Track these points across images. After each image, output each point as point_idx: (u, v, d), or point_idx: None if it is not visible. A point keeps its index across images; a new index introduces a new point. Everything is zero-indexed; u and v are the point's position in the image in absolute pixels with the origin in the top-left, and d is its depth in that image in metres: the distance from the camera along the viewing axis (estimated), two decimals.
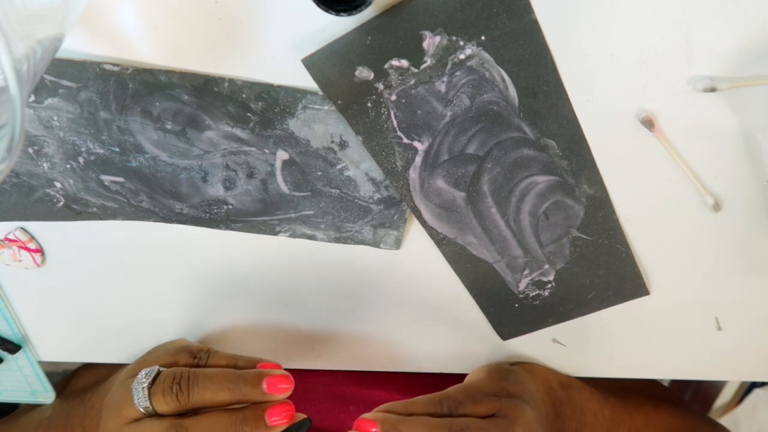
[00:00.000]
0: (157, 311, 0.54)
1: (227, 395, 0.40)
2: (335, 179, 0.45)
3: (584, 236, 0.47)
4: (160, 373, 0.41)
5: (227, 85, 0.41)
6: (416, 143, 0.43)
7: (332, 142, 0.43)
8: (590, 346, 0.54)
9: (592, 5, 0.38)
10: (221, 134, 0.43)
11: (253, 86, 0.41)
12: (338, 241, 0.48)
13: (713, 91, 0.40)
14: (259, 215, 0.47)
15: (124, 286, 0.52)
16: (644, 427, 0.58)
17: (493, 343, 0.53)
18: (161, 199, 0.46)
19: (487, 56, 0.39)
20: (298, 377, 0.56)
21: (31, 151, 0.44)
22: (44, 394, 0.59)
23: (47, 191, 0.46)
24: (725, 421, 0.90)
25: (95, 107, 0.42)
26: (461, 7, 0.38)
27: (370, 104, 0.41)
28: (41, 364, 0.57)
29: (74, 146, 0.44)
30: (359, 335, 0.54)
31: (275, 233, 0.48)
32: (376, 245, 0.48)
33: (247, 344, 0.55)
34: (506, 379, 0.48)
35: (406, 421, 0.41)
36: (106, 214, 0.47)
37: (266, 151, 0.44)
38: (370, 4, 0.35)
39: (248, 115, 0.42)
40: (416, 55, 0.39)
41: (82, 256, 0.51)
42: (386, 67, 0.40)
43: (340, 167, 0.44)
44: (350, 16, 0.35)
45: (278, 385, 0.41)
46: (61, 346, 0.57)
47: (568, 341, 0.53)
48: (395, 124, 0.42)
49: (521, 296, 0.50)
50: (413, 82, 0.40)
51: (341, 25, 0.39)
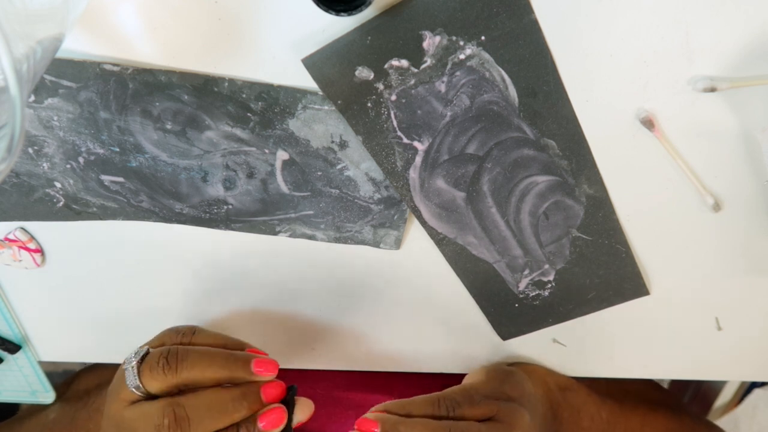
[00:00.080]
0: (157, 311, 0.54)
1: (216, 372, 0.40)
2: (335, 179, 0.45)
3: (584, 236, 0.47)
4: (149, 352, 0.42)
5: (227, 85, 0.41)
6: (416, 143, 0.43)
7: (332, 142, 0.43)
8: (590, 346, 0.54)
9: (592, 5, 0.38)
10: (221, 134, 0.43)
11: (253, 86, 0.41)
12: (338, 241, 0.48)
13: (713, 91, 0.40)
14: (259, 215, 0.47)
15: (124, 286, 0.52)
16: (640, 429, 0.58)
17: (492, 343, 0.53)
18: (161, 199, 0.46)
19: (487, 56, 0.39)
20: (297, 379, 0.56)
21: (31, 151, 0.44)
22: (44, 394, 0.59)
23: (47, 191, 0.46)
24: (725, 421, 0.90)
25: (95, 107, 0.42)
26: (461, 7, 0.38)
27: (370, 104, 0.41)
28: (41, 364, 0.57)
29: (74, 146, 0.44)
30: (359, 335, 0.54)
31: (275, 233, 0.48)
32: (376, 245, 0.48)
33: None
34: (505, 381, 0.48)
35: (406, 422, 0.41)
36: (106, 214, 0.47)
37: (266, 151, 0.44)
38: (370, 4, 0.35)
39: (248, 115, 0.42)
40: (416, 55, 0.39)
41: (82, 256, 0.51)
42: (386, 67, 0.40)
43: (340, 167, 0.44)
44: (350, 16, 0.35)
45: (265, 367, 0.41)
46: (61, 346, 0.57)
47: (568, 341, 0.53)
48: (395, 124, 0.42)
49: (521, 296, 0.50)
50: (413, 82, 0.40)
51: (341, 25, 0.39)
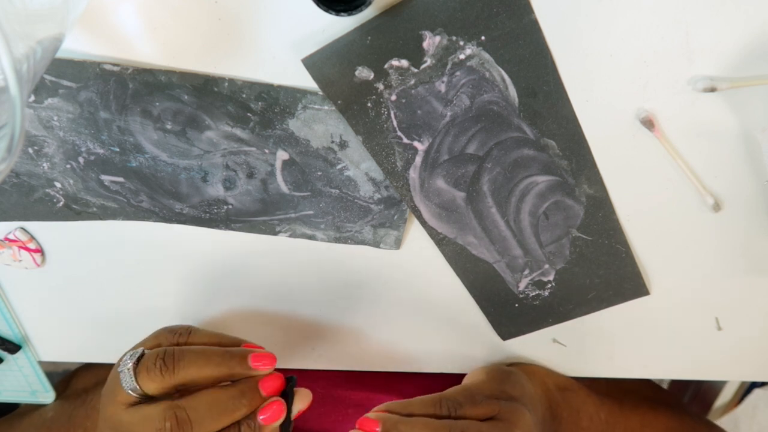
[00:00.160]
0: (156, 311, 0.54)
1: (213, 370, 0.40)
2: (335, 179, 0.45)
3: (584, 236, 0.47)
4: (144, 353, 0.41)
5: (227, 85, 0.41)
6: (416, 143, 0.43)
7: (332, 142, 0.43)
8: (590, 346, 0.54)
9: (592, 5, 0.38)
10: (221, 134, 0.43)
11: (253, 86, 0.41)
12: (338, 241, 0.48)
13: (713, 91, 0.40)
14: (259, 215, 0.47)
15: (124, 286, 0.52)
16: (640, 429, 0.58)
17: (492, 343, 0.53)
18: (161, 199, 0.46)
19: (487, 56, 0.39)
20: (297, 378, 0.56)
21: (31, 151, 0.44)
22: (44, 394, 0.59)
23: (47, 191, 0.46)
24: (725, 421, 0.90)
25: (95, 107, 0.42)
26: (461, 7, 0.38)
27: (370, 104, 0.41)
28: (41, 364, 0.57)
29: (74, 146, 0.44)
30: (359, 335, 0.54)
31: (275, 233, 0.48)
32: (376, 245, 0.48)
33: None
34: (505, 381, 0.48)
35: (407, 421, 0.41)
36: (106, 214, 0.47)
37: (266, 151, 0.44)
38: (370, 4, 0.35)
39: (248, 115, 0.42)
40: (416, 55, 0.39)
41: (82, 256, 0.51)
42: (386, 67, 0.40)
43: (340, 167, 0.44)
44: (350, 16, 0.35)
45: (262, 360, 0.41)
46: (61, 346, 0.57)
47: (568, 341, 0.53)
48: (395, 124, 0.42)
49: (521, 296, 0.50)
50: (413, 82, 0.40)
51: (341, 25, 0.39)
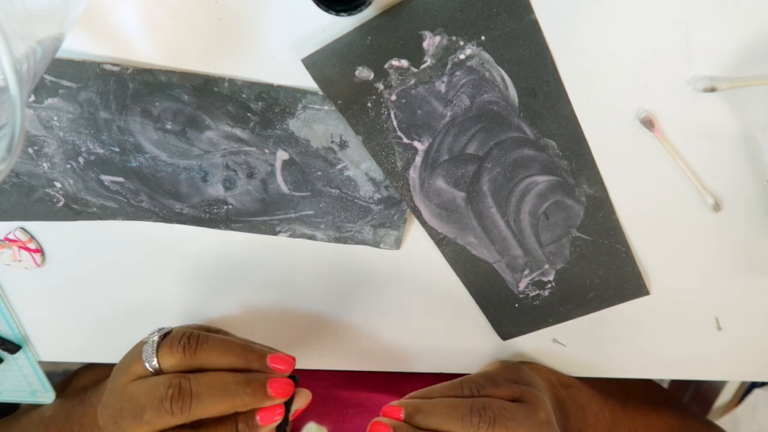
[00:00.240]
0: (157, 311, 0.54)
1: (232, 359, 0.41)
2: (335, 179, 0.45)
3: (584, 236, 0.47)
4: (172, 331, 0.43)
5: (227, 85, 0.41)
6: (416, 143, 0.43)
7: (332, 142, 0.43)
8: (590, 346, 0.54)
9: (592, 5, 0.38)
10: (221, 134, 0.43)
11: (253, 86, 0.41)
12: (338, 241, 0.48)
13: (713, 91, 0.40)
14: (259, 215, 0.47)
15: (124, 286, 0.52)
16: (643, 429, 0.58)
17: (493, 343, 0.53)
18: (161, 199, 0.46)
19: (487, 56, 0.39)
20: None
21: (31, 151, 0.44)
22: (44, 394, 0.59)
23: (47, 191, 0.46)
24: (725, 421, 0.90)
25: (95, 107, 0.42)
26: (461, 7, 0.38)
27: (370, 104, 0.41)
28: (41, 364, 0.57)
29: (74, 146, 0.44)
30: (359, 335, 0.54)
31: (275, 233, 0.48)
32: (376, 245, 0.48)
33: None
34: (521, 370, 0.50)
35: (428, 402, 0.42)
36: (106, 214, 0.47)
37: (266, 151, 0.44)
38: (370, 4, 0.35)
39: (248, 115, 0.42)
40: (416, 55, 0.39)
41: (82, 256, 0.51)
42: (386, 67, 0.40)
43: (340, 167, 0.44)
44: (350, 16, 0.35)
45: (281, 363, 0.42)
46: (61, 346, 0.57)
47: (568, 341, 0.53)
48: (395, 124, 0.42)
49: (521, 296, 0.50)
50: (413, 82, 0.40)
51: (341, 25, 0.39)
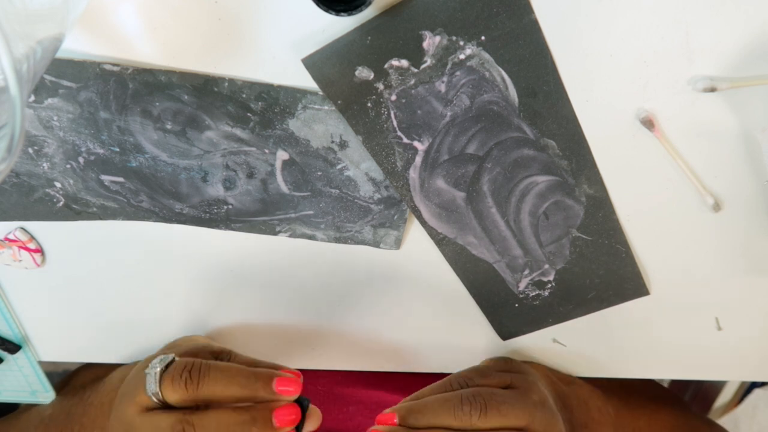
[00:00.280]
0: (157, 311, 0.54)
1: (237, 390, 0.40)
2: (335, 179, 0.45)
3: (584, 236, 0.47)
4: (174, 360, 0.41)
5: (227, 85, 0.41)
6: (416, 143, 0.43)
7: (332, 142, 0.43)
8: (590, 346, 0.54)
9: (592, 5, 0.38)
10: (221, 134, 0.43)
11: (253, 86, 0.41)
12: (338, 241, 0.48)
13: (713, 91, 0.40)
14: (259, 215, 0.47)
15: (124, 286, 0.52)
16: (647, 427, 0.58)
17: (493, 343, 0.53)
18: (161, 199, 0.46)
19: (487, 56, 0.39)
20: None
21: (31, 151, 0.44)
22: (44, 394, 0.59)
23: (47, 191, 0.46)
24: (725, 421, 0.90)
25: (95, 107, 0.42)
26: (461, 7, 0.38)
27: (370, 104, 0.41)
28: (41, 364, 0.57)
29: (74, 146, 0.44)
30: (359, 335, 0.54)
31: (275, 233, 0.48)
32: (376, 245, 0.48)
33: (247, 344, 0.55)
34: (511, 361, 0.51)
35: (419, 402, 0.42)
36: (106, 214, 0.47)
37: (266, 151, 0.44)
38: (370, 4, 0.35)
39: (248, 115, 0.42)
40: (416, 55, 0.39)
41: (82, 256, 0.51)
42: (386, 67, 0.40)
43: (340, 167, 0.44)
44: (350, 16, 0.35)
45: (288, 386, 0.41)
46: (61, 346, 0.57)
47: (568, 341, 0.53)
48: (395, 124, 0.42)
49: (521, 296, 0.50)
50: (413, 82, 0.40)
51: (341, 25, 0.39)
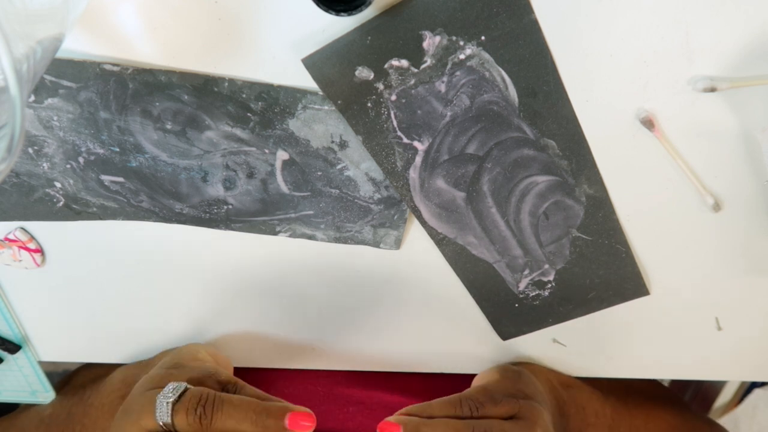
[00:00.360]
0: (157, 311, 0.54)
1: (249, 426, 0.40)
2: (335, 179, 0.45)
3: (584, 236, 0.47)
4: (187, 390, 0.41)
5: (227, 85, 0.41)
6: (416, 143, 0.43)
7: (332, 142, 0.43)
8: (590, 346, 0.54)
9: (592, 5, 0.38)
10: (221, 134, 0.43)
11: (253, 86, 0.41)
12: (338, 241, 0.48)
13: (713, 91, 0.40)
14: (259, 215, 0.47)
15: (124, 286, 0.52)
16: (644, 426, 0.58)
17: (493, 343, 0.53)
18: (161, 199, 0.46)
19: (487, 56, 0.39)
20: (298, 378, 0.56)
21: (31, 151, 0.44)
22: (44, 394, 0.59)
23: (47, 191, 0.46)
24: (725, 421, 0.90)
25: (95, 107, 0.42)
26: (461, 7, 0.38)
27: (370, 104, 0.41)
28: (41, 364, 0.57)
29: (74, 146, 0.44)
30: (359, 335, 0.54)
31: (275, 233, 0.48)
32: (376, 245, 0.48)
33: (246, 344, 0.55)
34: (519, 380, 0.49)
35: (428, 423, 0.41)
36: (106, 214, 0.47)
37: (266, 151, 0.44)
38: (370, 4, 0.35)
39: (248, 115, 0.42)
40: (416, 55, 0.39)
41: (82, 256, 0.51)
42: (386, 67, 0.40)
43: (340, 167, 0.44)
44: (350, 16, 0.35)
45: (300, 422, 0.40)
46: (61, 346, 0.57)
47: (568, 341, 0.53)
48: (395, 124, 0.42)
49: (521, 296, 0.50)
50: (413, 82, 0.40)
51: (341, 25, 0.39)
